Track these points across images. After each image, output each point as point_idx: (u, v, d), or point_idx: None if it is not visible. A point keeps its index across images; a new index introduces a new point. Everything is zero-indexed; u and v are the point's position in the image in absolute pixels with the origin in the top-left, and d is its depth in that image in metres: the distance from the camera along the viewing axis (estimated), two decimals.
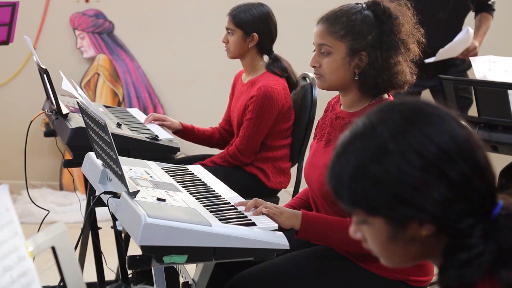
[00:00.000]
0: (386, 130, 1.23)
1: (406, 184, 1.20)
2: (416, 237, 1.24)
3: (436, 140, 1.21)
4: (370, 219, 1.25)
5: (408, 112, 1.25)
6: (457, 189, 1.21)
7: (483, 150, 1.25)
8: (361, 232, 1.29)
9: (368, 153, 1.23)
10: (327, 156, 2.28)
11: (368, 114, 1.27)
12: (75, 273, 1.39)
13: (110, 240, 3.48)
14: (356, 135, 1.26)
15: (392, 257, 1.28)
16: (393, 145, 1.21)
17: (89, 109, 2.39)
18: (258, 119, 3.27)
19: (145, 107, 5.15)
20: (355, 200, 1.25)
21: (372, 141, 1.23)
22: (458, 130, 1.24)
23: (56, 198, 5.07)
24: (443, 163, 1.20)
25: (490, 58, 3.34)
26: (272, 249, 2.04)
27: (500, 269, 1.19)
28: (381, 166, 1.21)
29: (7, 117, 5.23)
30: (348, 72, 2.26)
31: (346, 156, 1.25)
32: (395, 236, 1.24)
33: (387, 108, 1.27)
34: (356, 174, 1.23)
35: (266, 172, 3.34)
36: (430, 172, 1.20)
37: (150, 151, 3.07)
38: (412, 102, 1.28)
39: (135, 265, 2.03)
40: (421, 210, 1.21)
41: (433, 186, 1.20)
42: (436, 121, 1.23)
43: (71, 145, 3.02)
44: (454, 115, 1.26)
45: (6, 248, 1.22)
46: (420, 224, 1.22)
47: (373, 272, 2.23)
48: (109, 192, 2.22)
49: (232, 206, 2.25)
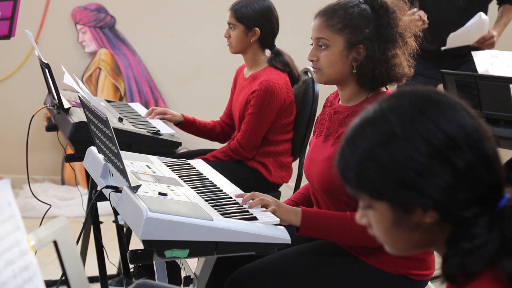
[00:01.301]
0: (396, 116, 1.25)
1: (411, 169, 1.22)
2: (420, 223, 1.25)
3: (444, 128, 1.23)
4: (375, 203, 1.26)
5: (418, 100, 1.27)
6: (462, 177, 1.22)
7: (492, 141, 1.26)
8: (367, 217, 1.30)
9: (377, 138, 1.25)
10: (326, 151, 2.29)
11: (379, 101, 1.29)
12: (77, 267, 1.40)
13: (111, 235, 3.49)
14: (366, 120, 1.28)
15: (396, 244, 1.30)
16: (401, 131, 1.23)
17: (90, 103, 2.39)
18: (260, 113, 3.26)
19: (147, 102, 5.14)
20: (360, 184, 1.26)
21: (381, 127, 1.25)
22: (467, 120, 1.25)
23: (58, 192, 5.08)
24: (450, 150, 1.22)
25: (492, 52, 3.33)
26: (273, 244, 2.04)
27: (504, 259, 1.20)
28: (388, 151, 1.23)
29: (9, 111, 5.24)
30: (346, 66, 2.26)
31: (355, 140, 1.27)
32: (399, 222, 1.25)
33: (398, 96, 1.29)
34: (364, 158, 1.25)
35: (267, 166, 3.34)
36: (436, 158, 1.21)
37: (152, 145, 3.07)
38: (423, 90, 1.29)
39: (137, 259, 2.03)
40: (425, 196, 1.22)
41: (438, 173, 1.21)
42: (446, 110, 1.25)
43: (73, 139, 3.02)
44: (464, 105, 1.28)
45: (8, 242, 1.22)
46: (424, 210, 1.23)
47: (375, 266, 2.23)
48: (110, 187, 2.23)
49: (233, 201, 2.25)
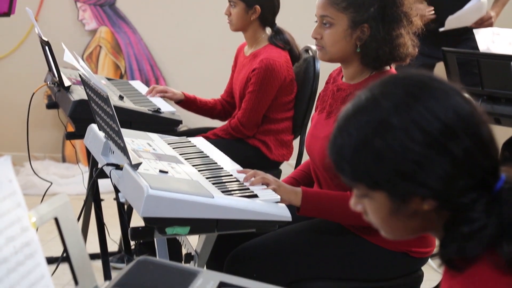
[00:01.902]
0: (389, 104, 1.22)
1: (408, 159, 1.19)
2: (418, 211, 1.23)
3: (440, 115, 1.20)
4: (372, 193, 1.24)
5: (411, 87, 1.23)
6: (460, 165, 1.20)
7: (487, 124, 1.24)
8: (362, 205, 1.28)
9: (371, 127, 1.22)
10: (329, 128, 2.28)
11: (370, 88, 1.26)
12: (78, 244, 1.40)
13: (112, 212, 3.49)
14: (358, 108, 1.25)
15: (393, 231, 1.29)
16: (396, 120, 1.20)
17: (91, 81, 2.39)
18: (260, 91, 3.26)
19: (147, 80, 5.14)
20: (356, 175, 1.24)
21: (375, 115, 1.22)
22: (462, 105, 1.22)
23: (59, 170, 5.08)
24: (447, 139, 1.20)
25: (494, 30, 3.32)
26: (274, 221, 2.05)
27: (502, 243, 1.19)
28: (383, 141, 1.20)
29: (9, 89, 5.23)
30: (350, 45, 2.25)
31: (348, 129, 1.24)
32: (397, 211, 1.24)
33: (390, 82, 1.26)
34: (358, 149, 1.22)
35: (268, 144, 3.34)
36: (433, 148, 1.19)
37: (153, 123, 3.07)
38: (416, 75, 1.26)
39: (138, 236, 2.04)
40: (424, 186, 1.20)
41: (436, 162, 1.19)
42: (440, 96, 1.22)
43: (74, 117, 3.02)
44: (459, 89, 1.25)
45: (9, 218, 1.22)
46: (422, 199, 1.22)
47: (375, 243, 2.24)
48: (111, 164, 2.23)
49: (234, 178, 2.25)
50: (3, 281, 1.17)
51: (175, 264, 1.61)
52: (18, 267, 1.21)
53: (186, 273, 1.56)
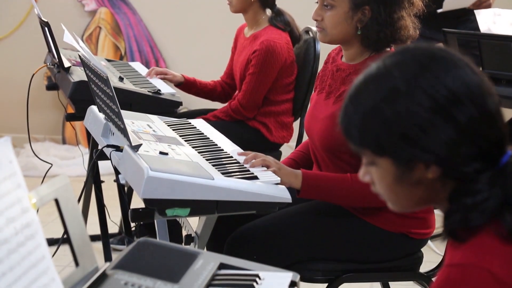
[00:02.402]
0: (399, 73, 1.25)
1: (414, 124, 1.22)
2: (422, 179, 1.25)
3: (448, 83, 1.23)
4: (378, 159, 1.27)
5: (421, 57, 1.27)
6: (464, 132, 1.22)
7: (495, 97, 1.26)
8: (370, 175, 1.31)
9: (380, 94, 1.25)
10: (328, 109, 2.28)
11: (383, 58, 1.29)
12: (78, 225, 1.40)
13: (113, 194, 3.49)
14: (369, 77, 1.28)
15: (398, 200, 1.30)
16: (405, 87, 1.24)
17: (91, 62, 2.38)
18: (261, 73, 3.25)
19: (147, 61, 5.12)
20: (364, 140, 1.27)
21: (385, 84, 1.25)
22: (470, 76, 1.25)
23: (59, 151, 5.09)
24: (452, 105, 1.22)
25: (495, 10, 3.31)
26: (274, 203, 2.05)
27: (505, 214, 1.21)
28: (391, 106, 1.24)
29: (9, 70, 5.22)
30: (351, 27, 2.24)
31: (358, 97, 1.28)
32: (402, 178, 1.26)
33: (401, 52, 1.29)
34: (367, 114, 1.26)
35: (268, 126, 3.34)
36: (439, 113, 1.22)
37: (153, 105, 3.07)
38: (426, 47, 1.29)
39: (138, 218, 2.04)
40: (427, 151, 1.23)
41: (440, 128, 1.22)
42: (449, 66, 1.25)
43: (73, 98, 3.02)
44: (468, 61, 1.28)
45: (9, 199, 1.23)
46: (426, 166, 1.24)
47: (375, 225, 2.24)
48: (111, 146, 2.23)
49: (234, 160, 2.25)
50: (3, 262, 1.17)
51: (176, 245, 1.61)
52: (19, 248, 1.22)
53: (186, 255, 1.57)
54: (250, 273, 1.55)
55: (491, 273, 1.17)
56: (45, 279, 1.26)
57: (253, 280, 1.52)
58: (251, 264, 1.61)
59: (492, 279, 1.17)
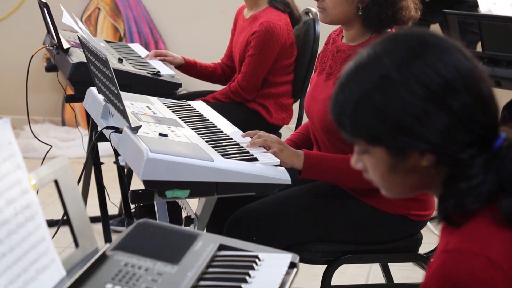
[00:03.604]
0: (390, 60, 1.23)
1: (407, 113, 1.21)
2: (417, 167, 1.24)
3: (440, 71, 1.21)
4: (371, 148, 1.25)
5: (413, 43, 1.24)
6: (458, 119, 1.21)
7: (488, 82, 1.25)
8: (362, 162, 1.29)
9: (372, 83, 1.23)
10: (328, 90, 2.28)
11: (372, 45, 1.27)
12: (78, 206, 1.40)
13: (112, 176, 3.50)
14: (360, 65, 1.26)
15: (392, 188, 1.29)
16: (397, 75, 1.21)
17: (90, 43, 2.38)
18: (260, 55, 3.24)
19: (147, 43, 5.11)
20: (357, 129, 1.25)
21: (376, 71, 1.23)
22: (463, 62, 1.23)
23: (59, 133, 5.08)
24: (446, 93, 1.21)
25: None
26: (274, 184, 2.05)
27: (500, 198, 1.20)
28: (383, 95, 1.22)
29: (8, 51, 5.20)
30: (352, 7, 2.23)
31: (349, 86, 1.25)
32: (396, 166, 1.25)
33: (392, 39, 1.27)
34: (359, 104, 1.24)
35: (268, 108, 3.34)
36: (432, 102, 1.20)
37: (152, 86, 3.06)
38: (417, 32, 1.27)
39: (138, 199, 2.04)
40: (422, 140, 1.21)
41: (434, 116, 1.20)
42: (441, 52, 1.23)
43: (73, 80, 3.01)
44: (460, 46, 1.26)
45: (9, 180, 1.23)
46: (420, 154, 1.23)
47: (374, 207, 2.25)
48: (111, 127, 2.22)
49: (234, 142, 2.25)
50: (3, 243, 1.17)
51: (175, 227, 1.61)
52: (19, 229, 1.22)
53: (186, 236, 1.57)
54: (250, 254, 1.56)
55: (487, 258, 1.16)
56: (45, 260, 1.26)
57: (253, 261, 1.52)
58: (250, 245, 1.61)
59: (489, 264, 1.16)
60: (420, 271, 3.07)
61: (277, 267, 1.52)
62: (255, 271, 1.49)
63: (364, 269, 3.24)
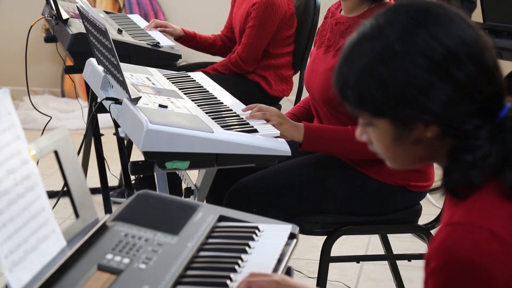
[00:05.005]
0: (393, 31, 1.22)
1: (412, 85, 1.20)
2: (421, 138, 1.24)
3: (444, 41, 1.20)
4: (376, 120, 1.25)
5: (415, 13, 1.23)
6: (462, 89, 1.20)
7: (492, 51, 1.24)
8: (367, 134, 1.29)
9: (375, 54, 1.22)
10: (327, 62, 2.27)
11: (375, 16, 1.26)
12: (78, 177, 1.40)
13: (112, 147, 3.50)
14: (363, 36, 1.25)
15: (397, 159, 1.29)
16: (400, 47, 1.21)
17: (89, 14, 2.36)
18: (261, 26, 3.23)
19: (146, 14, 5.08)
20: (360, 102, 1.24)
21: (379, 42, 1.22)
22: (466, 31, 1.22)
23: (58, 104, 5.08)
24: (450, 64, 1.20)
25: None
26: (273, 156, 2.05)
27: (505, 170, 1.20)
28: (387, 67, 1.21)
29: (7, 22, 5.18)
30: None
31: (353, 57, 1.25)
32: (400, 138, 1.24)
33: (394, 9, 1.26)
34: (362, 76, 1.23)
35: (268, 80, 3.33)
36: (436, 73, 1.19)
37: (152, 58, 3.05)
38: (420, 2, 1.26)
39: (138, 170, 2.05)
40: (426, 111, 1.21)
41: (439, 87, 1.19)
42: (444, 22, 1.22)
43: (72, 51, 3.00)
44: (463, 15, 1.25)
45: (9, 151, 1.22)
46: (425, 125, 1.22)
47: (374, 178, 2.25)
48: (111, 98, 2.22)
49: (234, 113, 2.25)
50: (3, 213, 1.18)
51: (175, 198, 1.62)
52: (19, 199, 1.22)
53: (186, 207, 1.57)
54: (250, 225, 1.56)
55: (491, 232, 1.16)
56: (45, 230, 1.26)
57: (253, 232, 1.52)
58: (250, 216, 1.61)
59: (493, 238, 1.16)
60: (419, 242, 3.09)
61: (277, 238, 1.52)
62: (255, 242, 1.50)
63: (364, 240, 3.25)
